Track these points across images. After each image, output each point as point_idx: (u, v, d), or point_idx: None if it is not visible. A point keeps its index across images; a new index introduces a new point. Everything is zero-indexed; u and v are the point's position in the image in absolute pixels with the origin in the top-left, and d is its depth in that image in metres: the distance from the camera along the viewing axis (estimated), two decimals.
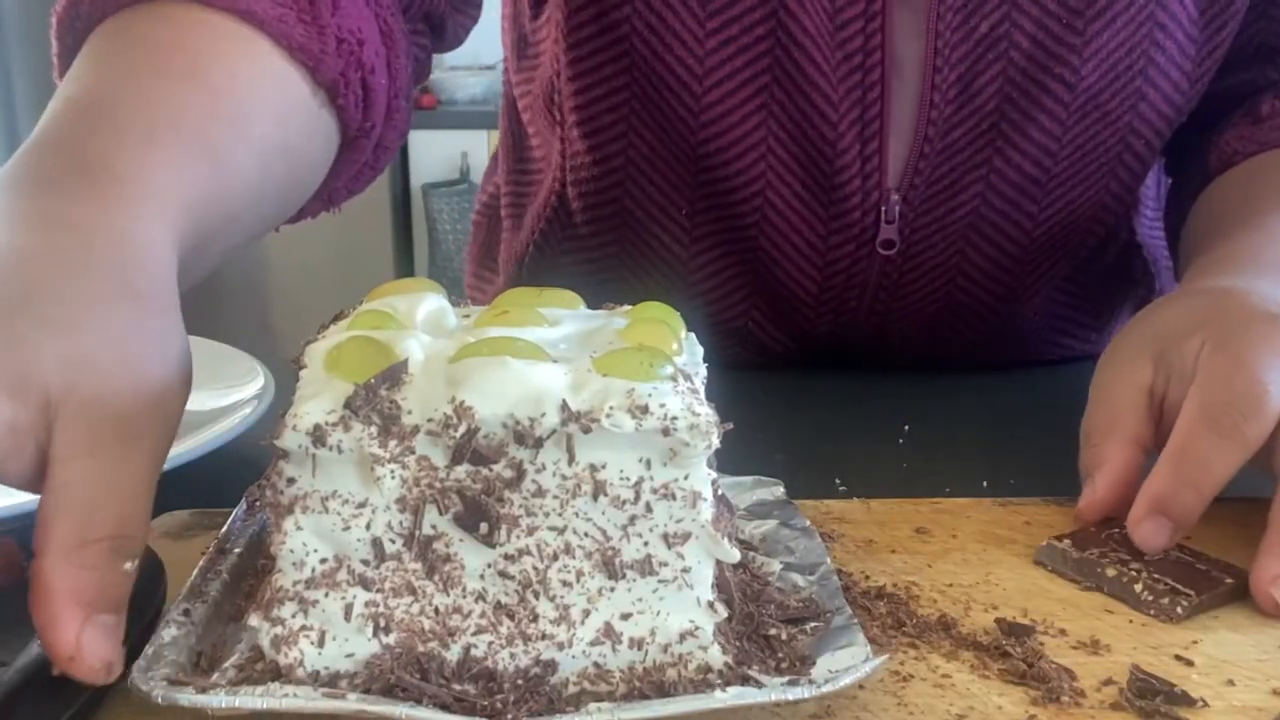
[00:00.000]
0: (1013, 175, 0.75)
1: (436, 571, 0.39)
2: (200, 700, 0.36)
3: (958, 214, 0.77)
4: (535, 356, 0.40)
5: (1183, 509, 0.49)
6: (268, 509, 0.39)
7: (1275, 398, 0.50)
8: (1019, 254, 0.79)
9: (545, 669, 0.39)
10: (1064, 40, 0.71)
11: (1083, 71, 0.72)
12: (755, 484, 0.55)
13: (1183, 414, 0.51)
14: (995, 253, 0.78)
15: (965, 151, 0.74)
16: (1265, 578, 0.47)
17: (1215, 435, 0.49)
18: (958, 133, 0.74)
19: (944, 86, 0.72)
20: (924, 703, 0.40)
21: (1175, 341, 0.54)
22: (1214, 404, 0.50)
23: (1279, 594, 0.47)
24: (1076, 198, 0.77)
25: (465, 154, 3.07)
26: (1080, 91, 0.73)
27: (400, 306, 0.46)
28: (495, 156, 0.98)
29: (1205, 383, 0.51)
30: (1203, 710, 0.40)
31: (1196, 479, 0.49)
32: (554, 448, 0.38)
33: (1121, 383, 0.55)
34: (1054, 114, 0.73)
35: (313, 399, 0.39)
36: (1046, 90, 0.72)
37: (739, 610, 0.42)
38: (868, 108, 0.73)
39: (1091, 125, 0.74)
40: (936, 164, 0.75)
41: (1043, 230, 0.78)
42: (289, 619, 0.39)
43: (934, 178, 0.75)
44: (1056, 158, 0.75)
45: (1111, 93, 0.73)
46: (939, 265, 0.79)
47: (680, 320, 0.48)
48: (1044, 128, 0.73)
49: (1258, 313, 0.54)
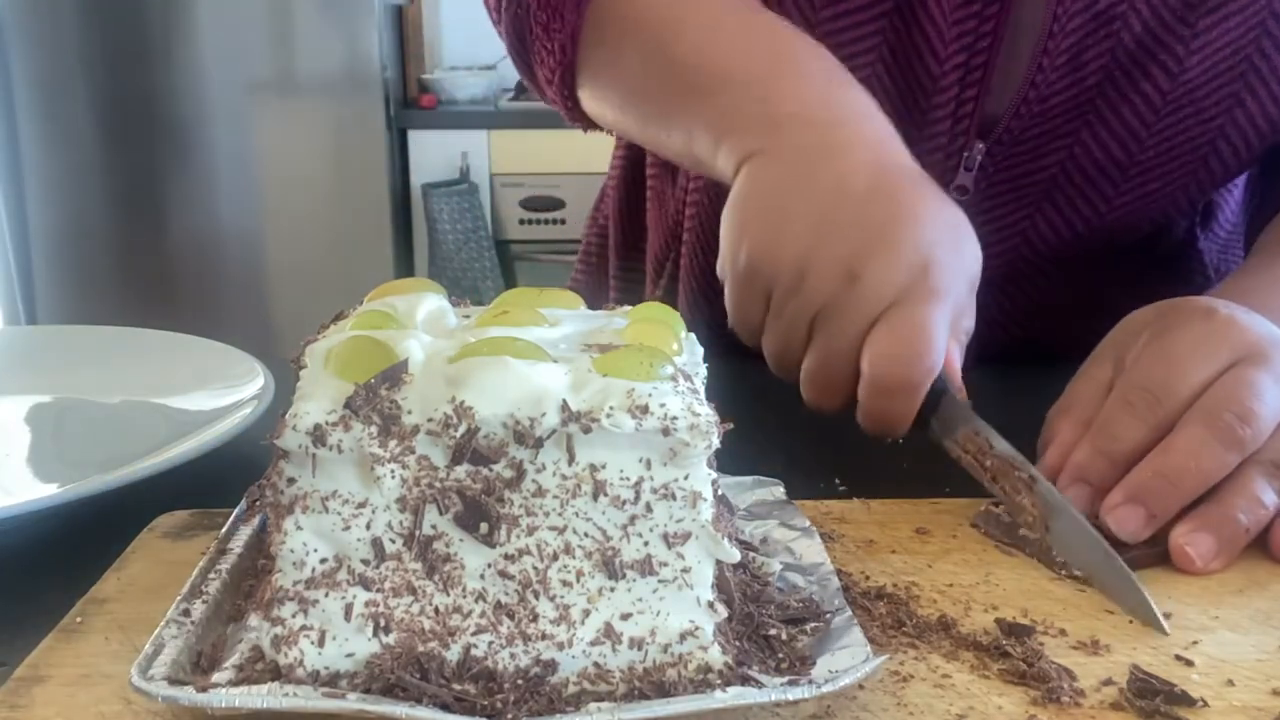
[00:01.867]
0: (1097, 153, 0.76)
1: (436, 571, 0.39)
2: (200, 700, 0.36)
3: (1035, 179, 0.78)
4: (535, 356, 0.40)
5: (1099, 476, 0.53)
6: (268, 509, 0.40)
7: (1189, 379, 0.54)
8: (1087, 233, 0.80)
9: (545, 669, 0.39)
10: (1173, 29, 0.72)
11: (1186, 63, 0.73)
12: (755, 484, 0.55)
13: (1110, 395, 0.56)
14: (1064, 228, 0.79)
15: (1058, 119, 0.76)
16: (1178, 533, 0.51)
17: (1127, 413, 0.54)
18: (1055, 100, 0.75)
19: (1054, 53, 0.73)
20: (924, 703, 0.40)
21: (1133, 337, 0.58)
22: (1132, 385, 0.55)
23: (1192, 549, 0.50)
24: (1155, 190, 0.78)
25: (465, 154, 3.07)
26: (1181, 83, 0.74)
27: (400, 306, 0.46)
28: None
29: (1133, 367, 0.56)
30: (1203, 710, 0.40)
31: (1107, 449, 0.54)
32: (554, 448, 0.38)
33: (1083, 377, 0.59)
34: (1150, 100, 0.74)
35: (313, 399, 0.39)
36: (1148, 75, 0.73)
37: (739, 610, 0.42)
38: (975, 55, 0.74)
39: (1185, 119, 0.75)
40: (1027, 125, 0.76)
41: (1115, 215, 0.78)
42: (289, 619, 0.39)
43: (1021, 138, 0.76)
44: (1144, 144, 0.76)
45: (1210, 89, 0.74)
46: (1008, 226, 0.80)
47: (680, 320, 0.49)
48: (1138, 111, 0.75)
49: (1199, 307, 0.57)
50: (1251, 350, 0.54)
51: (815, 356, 0.58)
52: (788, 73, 0.65)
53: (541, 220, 3.14)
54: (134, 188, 2.96)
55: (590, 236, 1.05)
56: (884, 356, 0.55)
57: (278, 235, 2.98)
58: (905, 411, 0.56)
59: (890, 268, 0.55)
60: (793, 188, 0.59)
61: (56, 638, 0.44)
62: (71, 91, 2.89)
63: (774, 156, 0.61)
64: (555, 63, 0.73)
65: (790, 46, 0.66)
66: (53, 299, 3.02)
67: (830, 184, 0.58)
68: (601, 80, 0.72)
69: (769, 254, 0.58)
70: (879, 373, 0.55)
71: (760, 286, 0.59)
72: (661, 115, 0.69)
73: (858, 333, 0.56)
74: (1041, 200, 0.79)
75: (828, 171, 0.59)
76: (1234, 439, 0.51)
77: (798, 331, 0.58)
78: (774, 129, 0.62)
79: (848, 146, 0.60)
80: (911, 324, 0.55)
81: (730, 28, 0.68)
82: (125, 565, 0.50)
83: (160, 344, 0.80)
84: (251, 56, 2.90)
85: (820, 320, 0.57)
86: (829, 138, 0.61)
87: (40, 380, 0.76)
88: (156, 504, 0.55)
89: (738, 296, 0.61)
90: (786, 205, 0.59)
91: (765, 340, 0.60)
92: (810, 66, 0.65)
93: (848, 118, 0.62)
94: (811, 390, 0.59)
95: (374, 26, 2.87)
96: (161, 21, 2.87)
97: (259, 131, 2.95)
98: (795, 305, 0.58)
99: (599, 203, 1.05)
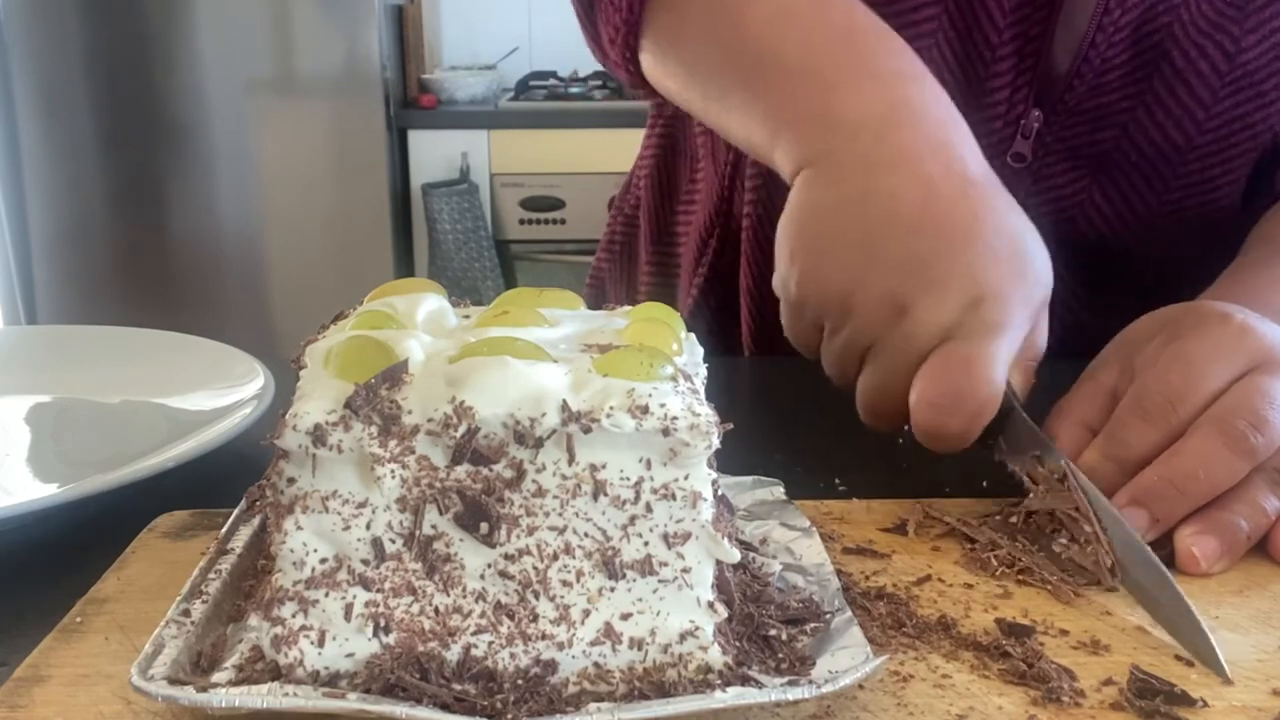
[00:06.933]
0: (1154, 134, 0.76)
1: (437, 571, 0.39)
2: (200, 700, 0.36)
3: (1092, 151, 0.78)
4: (535, 356, 0.40)
5: (1107, 481, 0.52)
6: (268, 509, 0.39)
7: (1204, 387, 0.53)
8: (1146, 213, 0.79)
9: (545, 669, 0.39)
10: (1228, 9, 0.72)
11: (1244, 43, 0.73)
12: (755, 484, 0.55)
13: (1123, 399, 0.55)
14: (1123, 205, 0.79)
15: (1114, 94, 0.75)
16: (1183, 535, 0.50)
17: (1140, 418, 0.53)
18: (1112, 75, 0.75)
19: (1109, 28, 0.73)
20: (924, 703, 0.40)
21: (1140, 345, 0.57)
22: (1146, 391, 0.54)
23: (1197, 549, 0.50)
24: (1217, 175, 0.77)
25: (465, 154, 3.07)
26: (1239, 64, 0.73)
27: (400, 306, 0.46)
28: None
29: (1147, 372, 0.55)
30: (1203, 710, 0.40)
31: (1119, 454, 0.53)
32: (554, 448, 0.38)
33: (1088, 380, 0.58)
34: (1208, 81, 0.74)
35: (313, 399, 0.39)
36: (1205, 55, 0.73)
37: (739, 611, 0.42)
38: (1033, 25, 0.74)
39: (1243, 104, 0.75)
40: (1083, 97, 0.76)
41: (1174, 196, 0.78)
42: (289, 619, 0.39)
43: (1078, 109, 0.76)
44: (1202, 127, 0.75)
45: (1269, 72, 0.74)
46: (1066, 197, 0.79)
47: (680, 320, 0.49)
48: (1195, 93, 0.74)
49: (1213, 312, 0.56)
50: (1267, 357, 0.53)
51: (867, 385, 0.58)
52: (853, 70, 0.63)
53: (541, 220, 3.13)
54: (134, 188, 2.96)
55: (616, 225, 1.04)
56: (927, 403, 0.54)
57: (278, 235, 2.98)
58: (958, 444, 0.55)
59: (940, 304, 0.54)
60: (843, 211, 0.58)
61: (56, 638, 0.44)
62: (71, 92, 2.89)
63: (828, 169, 0.59)
64: (620, 20, 0.71)
65: (860, 40, 0.64)
66: (53, 299, 3.02)
67: (881, 207, 0.57)
68: (664, 46, 0.71)
69: (817, 284, 0.58)
70: (923, 417, 0.54)
71: (810, 316, 0.59)
72: (721, 94, 0.67)
73: (907, 369, 0.55)
74: (1099, 173, 0.78)
75: (880, 190, 0.57)
76: (1246, 448, 0.51)
77: (851, 360, 0.58)
78: (831, 132, 0.60)
79: (905, 157, 0.58)
80: (962, 361, 0.54)
81: (800, 11, 0.65)
82: (125, 565, 0.50)
83: (160, 344, 0.80)
84: (251, 56, 2.90)
85: (871, 353, 0.57)
86: (886, 146, 0.59)
87: (40, 380, 0.76)
88: (156, 504, 0.55)
89: (791, 321, 0.61)
90: (836, 231, 0.58)
91: (823, 360, 0.60)
92: (877, 64, 0.63)
93: (910, 119, 0.60)
94: (866, 414, 0.59)
95: (374, 26, 2.87)
96: (161, 22, 2.87)
97: (259, 131, 2.95)
98: (845, 337, 0.57)
99: (625, 192, 1.04)
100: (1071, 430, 0.56)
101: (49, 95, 2.90)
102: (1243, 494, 0.51)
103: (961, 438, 0.55)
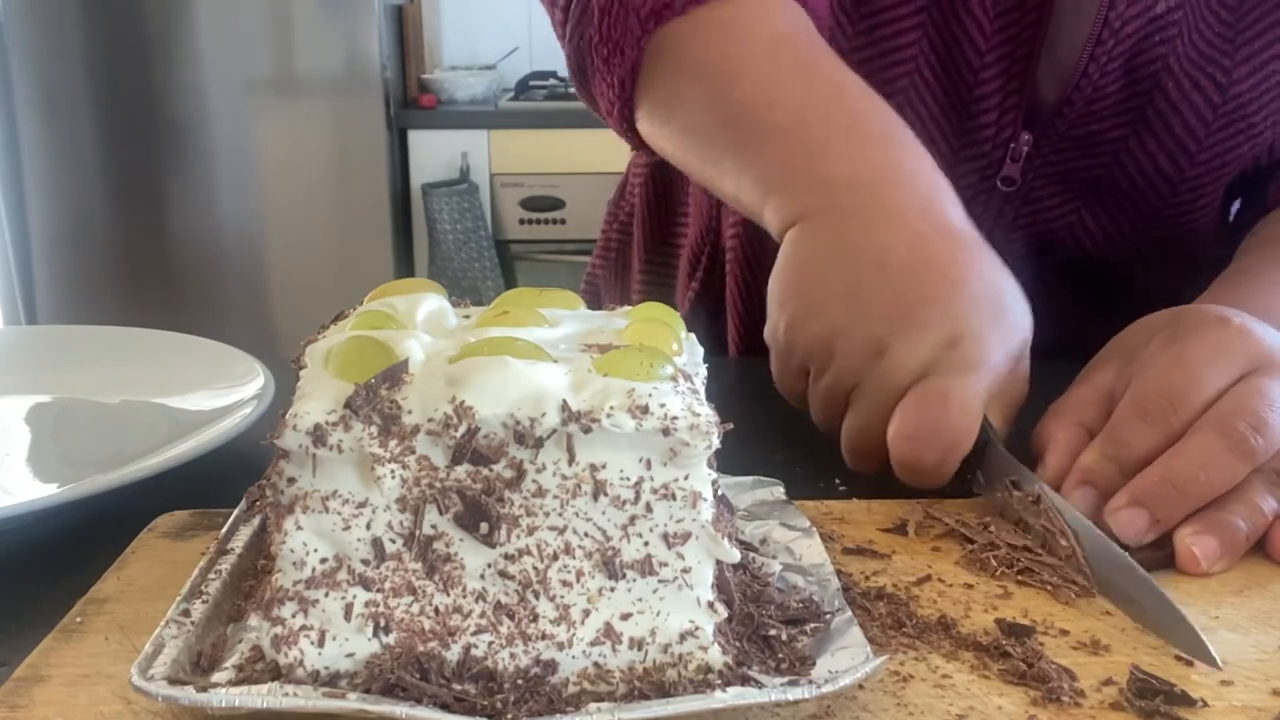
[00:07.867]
0: (1145, 163, 0.77)
1: (437, 571, 0.39)
2: (200, 700, 0.36)
3: (1082, 176, 0.78)
4: (535, 356, 0.40)
5: (1106, 481, 0.53)
6: (268, 509, 0.39)
7: (1204, 389, 0.53)
8: (1134, 236, 0.79)
9: (545, 669, 0.39)
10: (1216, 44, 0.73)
11: (1235, 75, 0.73)
12: (755, 484, 0.55)
13: (1122, 400, 0.55)
14: (1114, 230, 0.79)
15: (1106, 122, 0.76)
16: (1183, 535, 0.50)
17: (1140, 419, 0.53)
18: (1104, 103, 0.75)
19: (1102, 58, 0.73)
20: (924, 703, 0.40)
21: (1138, 348, 0.58)
22: (1147, 392, 0.54)
23: (1197, 549, 0.50)
24: (1204, 202, 0.78)
25: (465, 154, 3.07)
26: (1231, 96, 0.74)
27: (400, 306, 0.46)
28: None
29: (1146, 374, 0.55)
30: (1203, 710, 0.40)
31: (1118, 455, 0.53)
32: (554, 448, 0.38)
33: (1085, 382, 0.59)
34: (1201, 113, 0.74)
35: (313, 399, 0.39)
36: (1198, 86, 0.73)
37: (739, 611, 0.42)
38: (1019, 45, 0.75)
39: (1234, 135, 0.75)
40: (1074, 123, 0.76)
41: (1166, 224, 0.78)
42: (289, 619, 0.39)
43: (1068, 135, 0.77)
44: (1194, 159, 0.76)
45: (1260, 104, 0.74)
46: (1056, 219, 0.80)
47: (680, 320, 0.49)
48: (1188, 124, 0.75)
49: (1212, 315, 0.57)
50: (1266, 360, 0.54)
51: (849, 426, 0.59)
52: (841, 132, 0.64)
53: (541, 220, 3.14)
54: (134, 188, 2.96)
55: (611, 230, 1.04)
56: (903, 436, 0.55)
57: (278, 235, 2.98)
58: (936, 478, 0.55)
59: (918, 344, 0.55)
60: (832, 262, 0.59)
61: (56, 638, 0.44)
62: (71, 92, 2.90)
63: (818, 225, 0.61)
64: (615, 95, 0.73)
65: (848, 104, 0.66)
66: (53, 299, 3.02)
67: (869, 261, 0.58)
68: (659, 116, 0.72)
69: (804, 331, 0.59)
70: (899, 450, 0.55)
71: (796, 362, 0.60)
72: (715, 159, 0.69)
73: (884, 408, 0.56)
74: (1089, 198, 0.79)
75: (869, 245, 0.58)
76: (1246, 449, 0.51)
77: (834, 405, 0.59)
78: (821, 191, 0.61)
79: (893, 214, 0.59)
80: (939, 396, 0.55)
81: (788, 78, 0.67)
82: (125, 565, 0.50)
83: (160, 344, 0.80)
84: (251, 56, 2.90)
85: (853, 396, 0.58)
86: (875, 203, 0.60)
87: (40, 380, 0.76)
88: (156, 504, 0.55)
89: (779, 369, 0.62)
90: (824, 279, 0.59)
91: (810, 406, 0.61)
92: (865, 126, 0.64)
93: (897, 178, 0.61)
94: (850, 456, 0.60)
95: (374, 26, 2.87)
96: (161, 21, 2.87)
97: (259, 131, 2.95)
98: (828, 381, 0.59)
99: (620, 196, 1.04)
100: (1068, 430, 0.56)
101: (49, 95, 2.90)
102: (1242, 495, 0.51)
103: (938, 471, 0.55)
